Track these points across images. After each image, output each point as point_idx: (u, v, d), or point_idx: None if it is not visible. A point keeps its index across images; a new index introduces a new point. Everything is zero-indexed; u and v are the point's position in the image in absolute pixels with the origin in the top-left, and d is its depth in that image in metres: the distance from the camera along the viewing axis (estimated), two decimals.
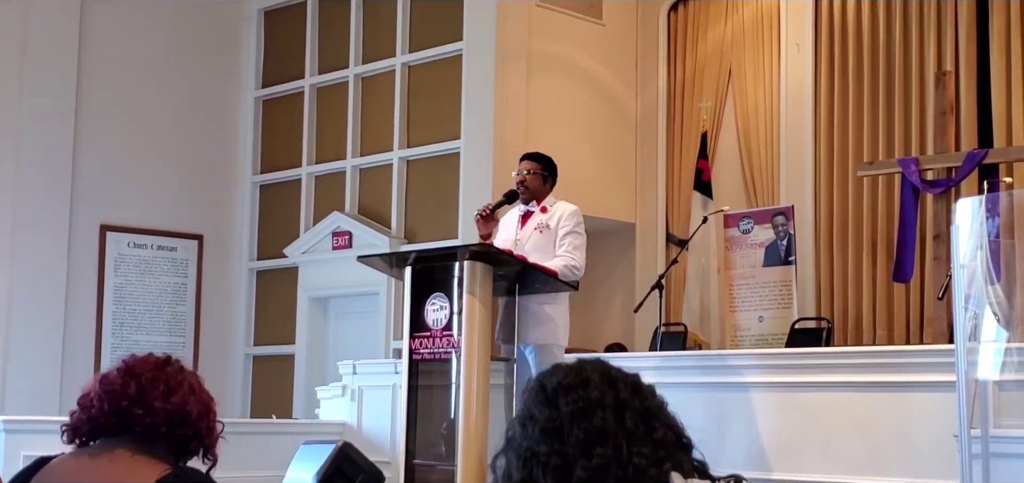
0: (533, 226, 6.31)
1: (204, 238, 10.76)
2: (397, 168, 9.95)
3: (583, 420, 1.72)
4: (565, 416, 1.73)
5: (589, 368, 1.80)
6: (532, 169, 6.38)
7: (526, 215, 6.38)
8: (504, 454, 1.78)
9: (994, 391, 4.91)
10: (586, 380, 1.77)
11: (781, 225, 8.65)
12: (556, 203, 6.38)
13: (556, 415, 1.74)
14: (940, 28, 8.77)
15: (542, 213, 6.34)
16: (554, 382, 1.78)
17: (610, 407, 1.73)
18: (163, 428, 2.36)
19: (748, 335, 8.60)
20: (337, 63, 10.48)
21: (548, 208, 6.35)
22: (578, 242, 6.24)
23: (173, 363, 2.47)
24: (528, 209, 6.38)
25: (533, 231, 6.29)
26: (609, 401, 1.74)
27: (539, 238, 6.24)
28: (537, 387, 1.80)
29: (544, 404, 1.76)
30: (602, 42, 10.07)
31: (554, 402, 1.76)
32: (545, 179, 6.40)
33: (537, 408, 1.76)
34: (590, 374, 1.78)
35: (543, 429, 1.74)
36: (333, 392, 8.17)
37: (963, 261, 4.86)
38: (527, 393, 1.82)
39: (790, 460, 6.06)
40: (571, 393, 1.75)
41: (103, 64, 10.26)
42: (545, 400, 1.77)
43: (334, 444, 6.29)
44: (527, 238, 6.25)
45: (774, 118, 9.48)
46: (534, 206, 6.36)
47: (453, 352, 5.78)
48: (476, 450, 5.63)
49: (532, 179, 6.36)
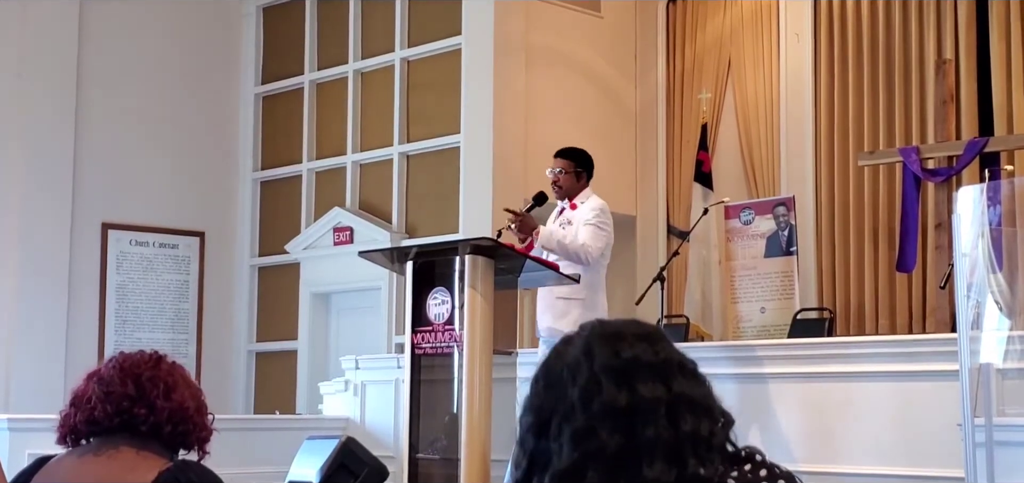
0: (558, 222, 6.34)
1: (205, 235, 10.76)
2: (397, 163, 9.95)
3: (664, 417, 1.54)
4: (642, 403, 1.54)
5: (667, 348, 1.61)
6: (564, 167, 6.37)
7: (561, 212, 6.41)
8: (547, 403, 1.58)
9: (997, 379, 4.91)
10: (667, 365, 1.58)
11: (782, 216, 8.64)
12: (589, 198, 6.38)
13: (629, 399, 1.54)
14: (940, 16, 8.76)
15: (572, 209, 6.34)
16: (631, 354, 1.57)
17: (690, 409, 1.57)
18: (167, 427, 2.38)
19: (750, 326, 8.60)
20: (336, 59, 10.48)
21: (578, 205, 6.35)
22: (595, 233, 6.23)
23: (166, 360, 2.49)
24: (562, 205, 6.41)
25: (557, 227, 6.30)
26: (689, 400, 1.58)
27: (562, 231, 6.26)
28: (609, 351, 1.57)
29: (615, 377, 1.56)
30: (601, 35, 10.06)
31: (630, 381, 1.55)
32: (578, 176, 6.38)
33: (607, 378, 1.55)
34: (670, 355, 1.60)
35: (609, 409, 1.54)
36: (336, 387, 8.18)
37: (965, 250, 4.87)
38: (588, 346, 1.59)
39: (793, 450, 6.06)
40: (652, 380, 1.56)
41: (103, 62, 10.25)
42: (618, 372, 1.56)
43: (337, 439, 6.29)
44: (552, 231, 6.26)
45: (774, 108, 9.47)
46: (567, 202, 6.37)
47: (455, 346, 5.78)
48: (479, 444, 5.63)
49: (565, 178, 6.36)
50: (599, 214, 6.28)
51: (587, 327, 1.63)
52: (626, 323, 1.64)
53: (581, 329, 1.64)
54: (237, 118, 11.02)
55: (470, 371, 5.68)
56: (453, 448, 5.72)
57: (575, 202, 6.36)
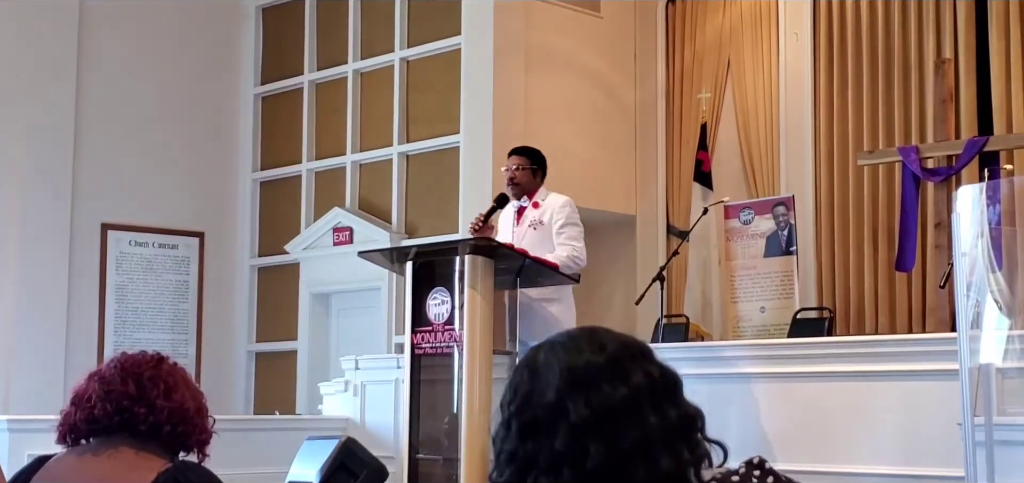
0: (528, 224, 6.30)
1: (205, 235, 10.76)
2: (397, 163, 9.95)
3: (635, 418, 1.53)
4: (613, 410, 1.52)
5: (618, 346, 1.59)
6: (521, 164, 6.36)
7: (520, 211, 6.37)
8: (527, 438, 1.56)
9: (997, 379, 4.91)
10: (620, 365, 1.56)
11: (782, 215, 8.64)
12: (547, 196, 6.36)
13: (601, 409, 1.52)
14: (939, 15, 8.76)
15: (535, 209, 6.32)
16: (584, 364, 1.55)
17: (652, 404, 1.55)
18: (167, 427, 2.39)
19: (750, 326, 8.60)
20: (336, 59, 10.48)
21: (540, 203, 6.33)
22: (576, 232, 6.23)
23: (167, 361, 2.50)
24: (521, 204, 6.37)
25: (528, 229, 6.27)
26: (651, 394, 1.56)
27: (535, 236, 6.23)
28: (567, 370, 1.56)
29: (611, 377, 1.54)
30: (600, 35, 10.07)
31: (621, 375, 1.54)
32: (535, 173, 6.37)
33: (573, 400, 1.53)
34: (622, 354, 1.58)
35: (583, 426, 1.52)
36: (336, 388, 8.18)
37: (964, 249, 4.86)
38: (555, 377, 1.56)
39: (793, 450, 6.06)
40: (609, 382, 1.54)
41: (102, 63, 10.25)
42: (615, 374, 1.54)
43: (337, 440, 6.29)
44: (524, 237, 6.24)
45: (773, 108, 9.47)
46: (526, 201, 6.35)
47: (455, 346, 5.78)
48: (479, 444, 5.63)
49: (521, 174, 6.34)
50: (569, 213, 6.27)
51: (553, 363, 1.58)
52: (591, 348, 1.59)
53: (547, 358, 1.60)
54: (237, 118, 11.02)
55: (470, 371, 5.68)
56: (453, 448, 5.72)
57: (536, 200, 6.34)
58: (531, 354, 1.63)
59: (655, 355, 1.61)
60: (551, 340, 1.63)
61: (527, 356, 1.63)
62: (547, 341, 1.63)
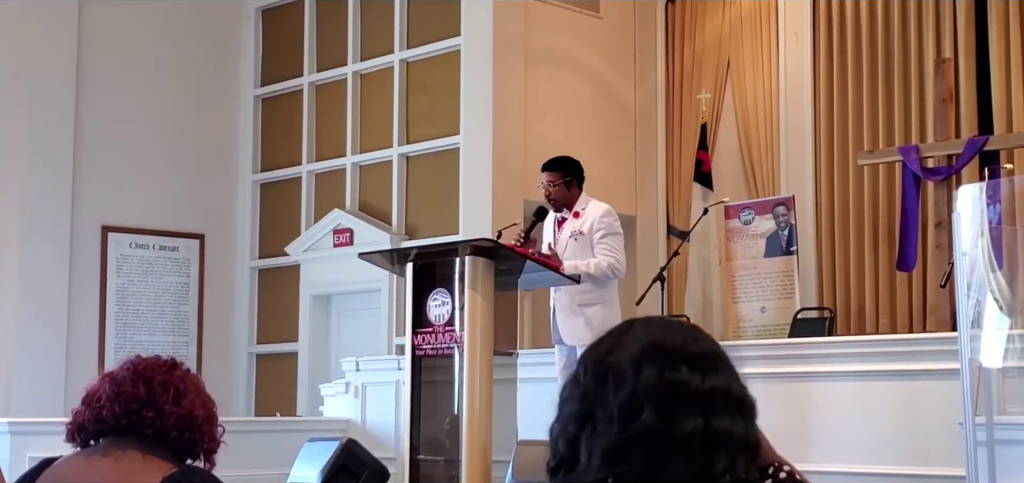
0: (568, 233, 6.31)
1: (205, 237, 10.76)
2: (397, 164, 9.95)
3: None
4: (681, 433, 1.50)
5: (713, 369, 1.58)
6: (553, 180, 6.35)
7: (561, 221, 6.39)
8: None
9: (998, 378, 4.91)
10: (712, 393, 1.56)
11: (782, 215, 8.64)
12: (588, 204, 6.36)
13: (701, 385, 1.53)
14: (939, 15, 8.76)
15: (575, 218, 6.32)
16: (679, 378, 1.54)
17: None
18: (173, 433, 2.38)
19: (750, 326, 8.60)
20: (335, 60, 10.48)
21: (581, 212, 6.34)
22: (615, 243, 6.26)
23: (180, 367, 2.49)
24: (561, 216, 6.38)
25: (569, 239, 6.29)
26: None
27: (576, 246, 6.25)
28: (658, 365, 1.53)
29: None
30: (600, 35, 10.07)
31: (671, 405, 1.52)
32: (569, 185, 6.36)
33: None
34: (715, 383, 1.58)
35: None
36: (336, 389, 8.18)
37: (965, 248, 4.86)
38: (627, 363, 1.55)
39: (794, 450, 6.03)
40: (691, 416, 1.52)
41: (103, 64, 10.25)
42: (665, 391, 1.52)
43: (338, 441, 6.31)
44: (564, 247, 6.25)
45: (774, 108, 9.48)
46: (566, 212, 6.36)
47: (456, 347, 5.78)
48: (480, 445, 5.63)
49: (556, 190, 6.33)
50: (610, 223, 6.28)
51: (644, 335, 1.58)
52: (685, 338, 1.60)
53: (639, 331, 1.59)
54: (237, 120, 11.02)
55: (471, 372, 5.68)
56: (454, 449, 5.72)
57: (576, 210, 6.35)
58: (624, 324, 1.62)
59: (741, 377, 1.61)
60: (647, 317, 1.63)
61: (620, 325, 1.62)
62: (643, 317, 1.63)
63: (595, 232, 6.25)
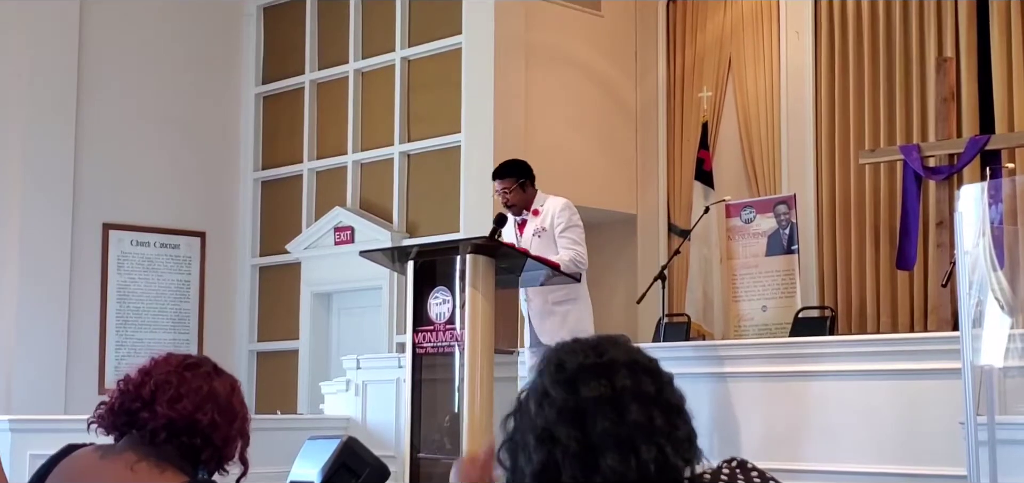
0: (531, 232, 6.33)
1: (206, 235, 10.76)
2: (398, 162, 9.95)
3: (610, 410, 1.64)
4: (588, 402, 1.65)
5: (613, 351, 1.70)
6: (508, 186, 6.37)
7: (522, 223, 6.41)
8: (516, 423, 1.70)
9: (999, 378, 4.90)
10: (611, 365, 1.68)
11: (783, 214, 8.64)
12: (546, 200, 6.39)
13: (576, 400, 1.65)
14: (940, 14, 8.75)
15: (535, 216, 6.35)
16: (575, 363, 1.68)
17: (637, 400, 1.65)
18: (162, 434, 2.31)
19: (751, 325, 8.60)
20: (337, 58, 10.48)
21: (540, 209, 6.37)
22: (577, 235, 6.26)
23: (202, 366, 2.42)
24: (522, 219, 6.40)
25: (533, 237, 6.31)
26: (636, 393, 1.65)
27: (540, 243, 6.26)
28: (555, 364, 1.70)
29: (562, 385, 1.67)
30: (601, 34, 10.06)
31: (574, 385, 1.67)
32: (524, 186, 6.38)
33: (554, 387, 1.67)
34: (615, 357, 1.69)
35: (560, 410, 1.65)
36: (337, 387, 8.18)
37: (966, 248, 4.86)
38: (542, 366, 1.72)
39: (795, 449, 6.06)
40: (594, 379, 1.66)
41: (104, 62, 10.25)
42: (564, 381, 1.67)
43: (339, 439, 6.29)
44: (530, 246, 6.26)
45: (775, 107, 9.47)
46: (526, 213, 6.38)
47: (456, 345, 5.78)
48: (480, 443, 5.62)
49: (513, 195, 6.36)
50: (569, 216, 6.29)
51: (554, 357, 1.74)
52: (588, 352, 1.73)
53: (551, 354, 1.75)
54: (238, 118, 11.02)
55: (471, 370, 5.68)
56: (455, 447, 5.72)
57: (535, 208, 6.37)
58: (551, 352, 1.77)
59: (653, 364, 1.72)
60: (570, 343, 1.77)
61: (548, 352, 1.77)
62: (568, 342, 1.78)
63: (556, 227, 6.26)
